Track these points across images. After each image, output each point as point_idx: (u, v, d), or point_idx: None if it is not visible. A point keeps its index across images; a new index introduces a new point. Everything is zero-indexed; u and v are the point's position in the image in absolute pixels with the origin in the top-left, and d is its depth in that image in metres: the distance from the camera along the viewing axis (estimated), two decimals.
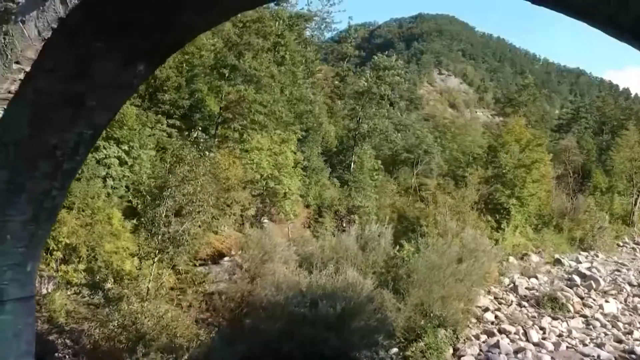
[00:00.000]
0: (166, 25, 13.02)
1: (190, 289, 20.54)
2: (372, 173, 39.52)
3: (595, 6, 9.44)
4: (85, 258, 20.94)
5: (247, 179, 25.30)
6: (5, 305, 14.69)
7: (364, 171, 43.46)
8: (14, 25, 11.33)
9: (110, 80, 13.22)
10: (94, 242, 21.13)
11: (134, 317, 16.08)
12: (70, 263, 20.81)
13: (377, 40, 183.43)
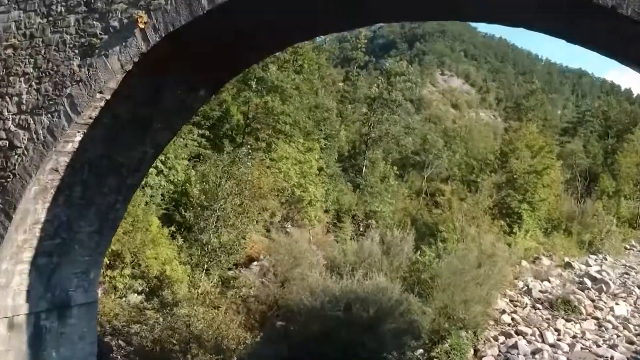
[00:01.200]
0: (232, 60, 14.33)
1: (229, 293, 21.73)
2: (388, 180, 40.62)
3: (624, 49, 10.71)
4: (129, 264, 22.18)
5: (277, 188, 26.52)
6: (72, 310, 15.99)
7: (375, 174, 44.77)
8: (98, 58, 12.52)
9: (175, 105, 14.46)
10: (136, 249, 22.38)
11: (186, 320, 17.25)
12: (115, 268, 22.08)
13: (379, 40, 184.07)
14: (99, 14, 12.70)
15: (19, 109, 13.60)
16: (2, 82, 13.82)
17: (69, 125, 12.92)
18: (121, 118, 13.85)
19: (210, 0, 11.44)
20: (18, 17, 13.79)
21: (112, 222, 16.29)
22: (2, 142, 13.77)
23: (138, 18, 12.02)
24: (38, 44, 13.45)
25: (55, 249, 14.90)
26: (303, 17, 13.09)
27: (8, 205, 13.56)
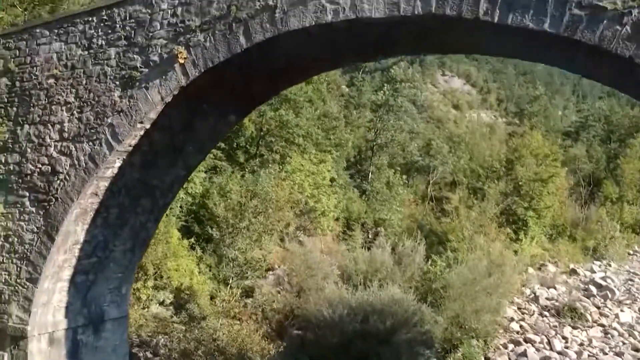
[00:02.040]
0: (262, 89, 15.09)
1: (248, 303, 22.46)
2: (397, 189, 41.30)
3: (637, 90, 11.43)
4: (151, 275, 22.92)
5: (292, 200, 27.24)
6: (105, 324, 16.80)
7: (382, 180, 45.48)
8: (139, 90, 13.28)
9: (207, 130, 15.25)
10: (158, 261, 23.12)
11: (212, 333, 17.97)
12: (138, 280, 22.80)
13: None
14: (139, 48, 13.43)
15: (60, 136, 14.34)
16: (45, 110, 14.56)
17: (110, 153, 13.66)
18: (157, 144, 14.61)
19: (248, 39, 12.17)
20: (59, 49, 14.53)
21: (144, 241, 17.08)
22: (44, 167, 14.52)
23: (178, 53, 12.75)
24: (79, 74, 14.17)
25: (92, 267, 15.69)
26: (331, 54, 13.89)
27: (50, 227, 14.32)
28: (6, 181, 15.03)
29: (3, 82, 15.32)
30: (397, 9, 10.91)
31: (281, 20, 11.85)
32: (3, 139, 15.06)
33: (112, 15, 13.90)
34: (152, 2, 13.39)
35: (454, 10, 10.46)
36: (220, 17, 12.48)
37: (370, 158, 49.75)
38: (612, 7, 9.28)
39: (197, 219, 25.91)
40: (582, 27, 9.51)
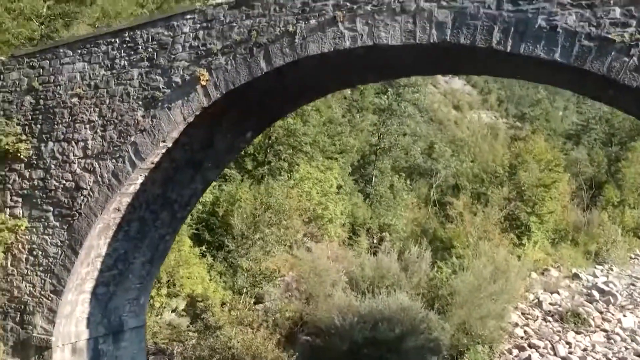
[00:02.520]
0: (279, 108, 15.62)
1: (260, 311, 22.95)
2: (402, 194, 41.75)
3: None
4: (165, 283, 23.40)
5: (301, 208, 27.70)
6: (124, 333, 17.33)
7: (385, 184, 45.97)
8: (161, 110, 13.80)
9: (225, 147, 15.78)
10: (171, 269, 23.59)
11: (226, 341, 18.45)
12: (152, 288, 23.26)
13: None
14: (161, 69, 13.94)
15: (84, 153, 14.85)
16: (69, 128, 15.06)
17: (133, 170, 14.16)
18: (178, 161, 15.12)
19: (269, 63, 12.69)
20: (83, 69, 15.03)
21: (162, 252, 17.61)
22: (68, 183, 15.03)
23: (200, 76, 13.26)
24: (103, 94, 14.68)
25: (112, 279, 16.20)
26: (347, 75, 14.41)
27: (74, 241, 14.83)
28: (30, 196, 15.51)
29: (27, 100, 15.80)
30: (413, 37, 11.41)
31: (300, 46, 12.36)
32: (27, 155, 15.54)
33: (134, 37, 14.39)
34: (173, 25, 13.89)
35: (468, 39, 10.96)
36: (241, 41, 12.99)
37: (374, 162, 50.18)
38: (620, 39, 9.78)
39: (208, 226, 26.38)
40: (591, 58, 10.01)
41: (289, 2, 12.57)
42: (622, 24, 9.85)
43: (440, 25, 11.13)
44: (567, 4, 10.22)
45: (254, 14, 12.93)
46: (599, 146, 73.79)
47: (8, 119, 15.95)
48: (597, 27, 9.99)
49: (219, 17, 13.34)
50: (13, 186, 15.80)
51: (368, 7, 11.76)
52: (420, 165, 56.39)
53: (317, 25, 12.21)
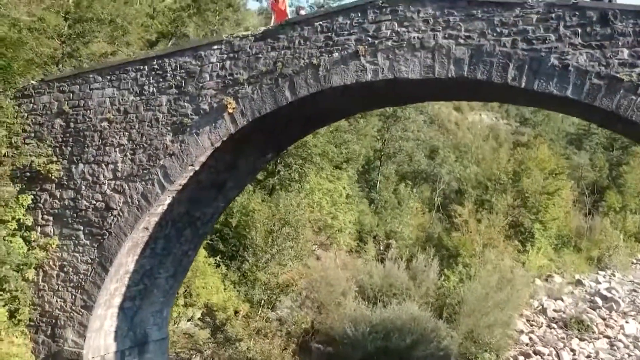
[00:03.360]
0: (299, 131, 16.34)
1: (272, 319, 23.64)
2: (408, 202, 42.40)
3: None
4: (182, 294, 24.07)
5: (312, 218, 28.39)
6: (149, 345, 18.07)
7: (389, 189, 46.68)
8: (189, 136, 14.52)
9: (247, 168, 16.54)
10: (187, 279, 24.27)
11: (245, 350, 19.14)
12: None
13: None
14: (189, 96, 14.65)
15: (114, 175, 15.54)
16: (99, 150, 15.76)
17: (162, 192, 14.87)
18: (203, 182, 15.83)
19: (293, 93, 13.39)
20: (112, 94, 15.75)
21: (185, 267, 18.33)
22: (98, 203, 15.73)
23: (227, 104, 13.97)
24: (132, 119, 15.37)
25: (138, 294, 16.92)
26: (366, 102, 15.13)
27: (104, 259, 15.53)
28: (61, 215, 16.20)
29: (57, 123, 16.50)
30: (432, 72, 12.12)
31: (324, 78, 13.07)
32: (58, 176, 16.22)
33: (163, 65, 15.09)
34: (201, 54, 14.59)
35: (485, 75, 11.67)
36: (266, 72, 13.70)
37: (379, 167, 50.83)
38: (628, 78, 10.49)
39: (222, 237, 27.04)
40: (601, 95, 10.73)
41: (312, 35, 13.28)
42: (630, 65, 10.56)
43: (458, 61, 11.84)
44: (578, 44, 10.94)
45: (279, 46, 13.64)
46: (600, 151, 74.35)
47: (39, 141, 16.64)
48: (606, 66, 10.71)
49: (245, 48, 14.04)
50: (44, 205, 16.47)
51: (389, 43, 12.46)
52: (424, 170, 57.08)
53: (340, 58, 12.91)
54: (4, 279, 14.08)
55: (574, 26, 10.99)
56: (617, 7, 10.79)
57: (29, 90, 17.19)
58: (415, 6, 12.32)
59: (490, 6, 11.67)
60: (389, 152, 52.53)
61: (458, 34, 11.88)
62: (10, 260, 14.01)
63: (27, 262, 15.31)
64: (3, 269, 13.77)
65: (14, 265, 14.54)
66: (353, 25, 12.88)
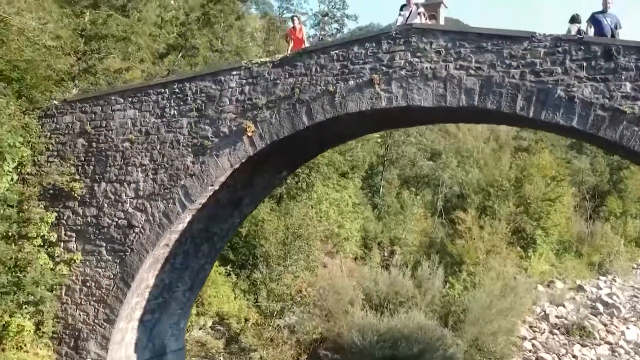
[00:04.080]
0: (313, 151, 16.98)
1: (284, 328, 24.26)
2: (412, 208, 43.03)
3: None
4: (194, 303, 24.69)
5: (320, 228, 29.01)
6: (167, 356, 18.71)
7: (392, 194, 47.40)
8: (209, 157, 15.16)
9: (263, 185, 17.16)
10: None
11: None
12: None
13: None
14: (209, 119, 15.27)
15: (136, 194, 16.15)
16: (121, 170, 16.38)
17: (183, 211, 15.49)
18: (221, 200, 16.45)
19: (310, 118, 14.02)
20: (134, 116, 16.36)
21: (201, 280, 18.97)
22: (120, 221, 16.34)
23: (247, 127, 14.59)
24: (153, 140, 15.99)
25: (157, 307, 17.54)
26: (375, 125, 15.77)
27: (126, 275, 16.14)
28: (84, 231, 16.81)
29: (80, 142, 17.11)
30: (444, 101, 12.75)
31: (340, 104, 13.70)
32: (81, 193, 16.83)
33: (183, 89, 15.72)
34: (221, 79, 15.21)
35: (494, 105, 12.30)
36: (284, 97, 14.32)
37: (382, 173, 51.47)
38: (630, 111, 11.12)
39: (232, 246, 27.66)
40: (605, 126, 11.36)
41: (329, 63, 13.91)
42: (633, 97, 11.19)
43: (469, 91, 12.47)
44: (583, 77, 11.57)
45: (296, 73, 14.27)
46: (601, 155, 74.94)
47: (62, 160, 17.24)
48: (610, 99, 11.33)
49: (264, 74, 14.67)
50: (67, 222, 17.07)
51: (403, 72, 13.10)
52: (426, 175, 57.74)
53: (356, 86, 13.55)
54: (40, 300, 14.64)
55: (580, 60, 11.61)
56: (620, 43, 11.41)
57: (51, 110, 17.80)
58: (427, 38, 12.95)
59: (500, 39, 12.30)
60: (391, 158, 53.26)
61: (469, 65, 12.51)
62: (44, 280, 14.59)
63: (60, 282, 15.90)
64: (39, 289, 14.33)
65: (48, 285, 15.12)
66: (368, 54, 13.50)
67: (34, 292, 13.88)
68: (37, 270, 14.13)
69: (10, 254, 13.38)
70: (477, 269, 32.65)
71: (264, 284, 23.08)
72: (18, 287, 13.55)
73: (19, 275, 13.55)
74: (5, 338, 15.56)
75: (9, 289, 13.41)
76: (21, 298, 13.61)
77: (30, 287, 13.66)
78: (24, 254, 13.87)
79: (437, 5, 15.52)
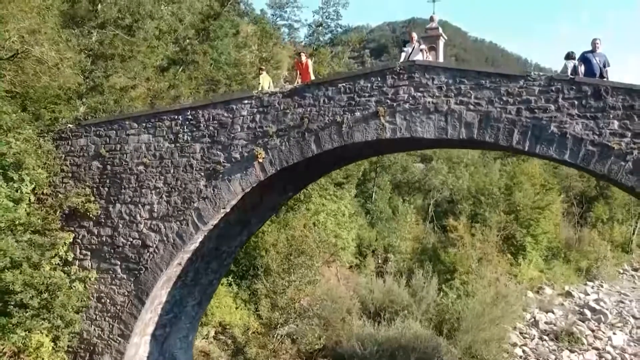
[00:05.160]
0: (317, 173, 17.83)
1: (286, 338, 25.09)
2: (405, 217, 43.99)
3: None
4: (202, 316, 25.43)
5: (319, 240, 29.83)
6: None
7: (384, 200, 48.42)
8: (222, 181, 15.97)
9: (270, 205, 17.96)
10: None
11: None
12: None
13: (370, 45, 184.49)
14: (221, 145, 16.08)
15: (150, 215, 16.92)
16: (135, 192, 17.14)
17: (196, 232, 16.28)
18: (231, 221, 17.27)
19: (319, 146, 14.88)
20: (148, 140, 17.12)
21: (209, 295, 19.79)
22: (135, 241, 17.10)
23: (258, 154, 15.41)
24: (167, 164, 16.77)
25: (168, 322, 18.33)
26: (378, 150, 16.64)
27: (141, 292, 16.90)
28: (99, 250, 17.56)
29: (95, 165, 17.85)
30: (445, 133, 13.66)
31: (347, 134, 14.57)
32: (96, 214, 17.57)
33: (196, 116, 16.52)
34: (233, 108, 16.04)
35: (492, 138, 13.23)
36: (294, 126, 15.17)
37: (374, 179, 52.42)
38: (618, 147, 12.08)
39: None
40: (595, 161, 12.31)
41: (336, 95, 14.78)
42: (620, 135, 12.15)
43: (469, 125, 13.39)
44: (575, 114, 12.53)
45: (305, 104, 15.13)
46: None
47: (77, 181, 17.97)
48: (599, 135, 12.30)
49: (274, 104, 15.52)
50: (82, 241, 17.80)
51: (406, 105, 14.00)
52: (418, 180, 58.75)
53: (362, 117, 14.43)
54: (70, 322, 15.34)
55: (572, 99, 12.57)
56: (609, 84, 12.38)
57: (65, 132, 18.52)
58: (430, 74, 13.86)
59: (497, 77, 13.24)
60: (384, 164, 54.23)
61: (468, 101, 13.43)
62: (71, 303, 15.30)
63: (86, 304, 16.63)
64: (70, 312, 15.03)
65: (75, 307, 15.84)
66: (373, 88, 14.39)
67: (64, 314, 14.59)
68: (65, 294, 14.83)
69: (42, 280, 14.09)
70: (470, 277, 33.64)
71: (266, 296, 23.88)
72: (48, 310, 14.25)
73: (49, 299, 14.25)
74: (24, 353, 16.28)
75: (38, 312, 14.10)
76: (52, 321, 14.30)
77: (60, 309, 14.36)
78: (54, 279, 14.57)
79: (437, 37, 16.45)
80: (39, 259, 14.41)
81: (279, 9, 68.63)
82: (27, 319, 13.98)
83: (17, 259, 13.81)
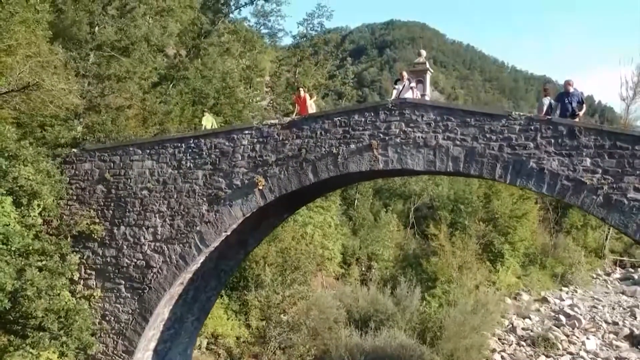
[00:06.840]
0: (312, 196, 18.88)
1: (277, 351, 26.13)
2: (388, 226, 45.25)
3: None
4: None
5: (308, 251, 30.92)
6: None
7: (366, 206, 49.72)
8: (223, 207, 16.97)
9: (267, 227, 18.95)
10: None
11: None
12: None
13: (349, 46, 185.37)
14: (223, 172, 17.08)
15: (154, 237, 17.84)
16: (139, 215, 18.04)
17: (199, 254, 17.26)
18: (231, 242, 18.25)
19: (315, 175, 15.96)
20: (151, 166, 18.04)
21: (207, 310, 20.76)
22: (139, 262, 18.01)
23: (258, 182, 16.44)
24: (170, 189, 17.71)
25: (169, 337, 19.27)
26: (370, 177, 17.76)
27: (144, 310, 17.81)
28: (103, 270, 18.41)
29: (99, 189, 18.70)
30: (433, 166, 14.85)
31: (342, 164, 15.68)
32: (101, 236, 18.42)
33: (199, 144, 17.49)
34: (234, 137, 17.04)
35: (477, 172, 14.46)
36: (292, 156, 16.24)
37: (356, 186, 53.61)
38: (590, 182, 13.37)
39: None
40: (569, 194, 13.59)
41: (332, 128, 15.89)
42: (592, 171, 13.45)
43: (455, 159, 14.60)
44: (552, 152, 13.80)
45: (303, 135, 16.20)
46: None
47: (82, 204, 18.80)
48: (573, 171, 13.58)
49: (273, 134, 16.56)
50: (87, 261, 18.64)
51: (397, 140, 15.16)
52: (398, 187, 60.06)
53: (356, 149, 15.56)
54: (88, 345, 16.17)
55: (549, 137, 13.84)
56: (582, 125, 13.68)
57: (70, 157, 19.33)
58: (419, 111, 15.04)
59: (481, 116, 14.47)
60: None
61: (455, 137, 14.64)
62: (86, 325, 16.15)
63: (101, 328, 17.47)
64: (84, 335, 15.88)
65: (91, 330, 16.70)
66: (367, 122, 15.53)
67: (81, 337, 15.44)
68: (82, 317, 15.69)
69: (62, 306, 14.92)
70: (451, 286, 34.99)
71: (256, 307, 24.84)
72: (66, 334, 15.08)
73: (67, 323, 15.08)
74: None
75: (56, 334, 14.93)
76: (70, 344, 15.13)
77: (77, 332, 15.21)
78: (72, 304, 15.41)
79: (424, 72, 17.65)
80: (53, 284, 15.21)
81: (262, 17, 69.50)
82: (44, 340, 14.79)
83: (41, 288, 14.62)
